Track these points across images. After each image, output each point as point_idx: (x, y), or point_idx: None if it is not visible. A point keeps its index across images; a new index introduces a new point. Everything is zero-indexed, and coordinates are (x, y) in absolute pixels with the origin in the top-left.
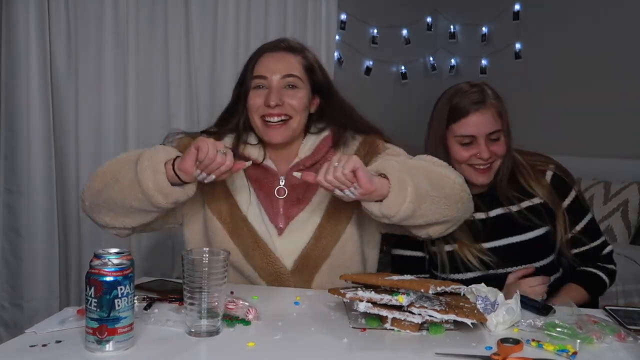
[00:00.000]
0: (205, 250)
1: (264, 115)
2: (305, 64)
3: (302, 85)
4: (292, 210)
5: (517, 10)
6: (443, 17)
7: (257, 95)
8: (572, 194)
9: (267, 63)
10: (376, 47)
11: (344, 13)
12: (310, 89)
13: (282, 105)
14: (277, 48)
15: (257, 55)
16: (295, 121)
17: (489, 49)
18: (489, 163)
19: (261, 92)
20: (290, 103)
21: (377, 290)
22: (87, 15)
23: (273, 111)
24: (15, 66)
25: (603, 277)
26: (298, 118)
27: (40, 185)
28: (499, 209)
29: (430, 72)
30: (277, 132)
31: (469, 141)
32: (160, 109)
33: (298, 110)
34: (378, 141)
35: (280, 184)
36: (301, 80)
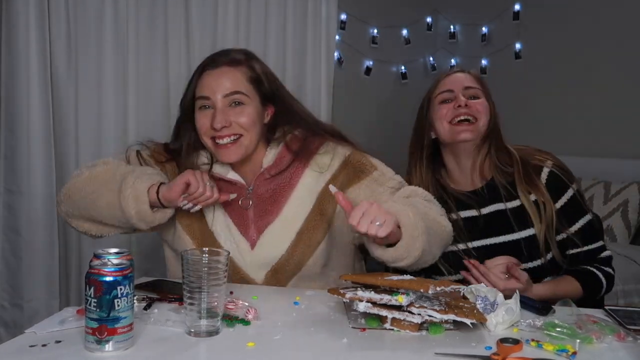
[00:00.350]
0: (205, 250)
1: (213, 137)
2: (251, 76)
3: (249, 101)
4: (262, 221)
5: (517, 10)
6: (443, 17)
7: (204, 116)
8: (568, 193)
9: (208, 82)
10: (376, 47)
11: (344, 13)
12: (259, 101)
13: (230, 126)
14: (217, 63)
15: (197, 73)
16: (246, 139)
17: (489, 49)
18: (471, 117)
19: (207, 112)
20: (237, 121)
21: (377, 290)
22: (87, 15)
23: (221, 133)
24: (15, 66)
25: (599, 275)
26: (249, 135)
27: (40, 185)
28: (492, 205)
29: (430, 72)
30: (229, 151)
31: (448, 96)
32: (160, 109)
33: (247, 127)
34: (364, 159)
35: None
36: (247, 95)
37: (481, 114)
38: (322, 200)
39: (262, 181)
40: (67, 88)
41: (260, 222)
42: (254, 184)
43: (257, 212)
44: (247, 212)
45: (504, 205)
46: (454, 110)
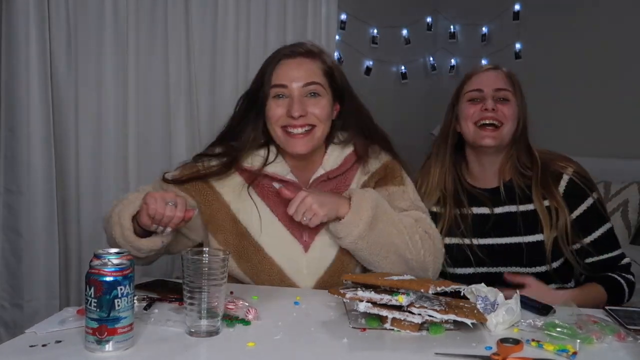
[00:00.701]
0: (205, 250)
1: (286, 125)
2: (325, 69)
3: (324, 93)
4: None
5: (517, 10)
6: (443, 17)
7: (278, 105)
8: (587, 202)
9: (286, 70)
10: (376, 47)
11: (344, 13)
12: (332, 95)
13: (306, 116)
14: (295, 54)
15: (273, 62)
16: (319, 130)
17: (489, 49)
18: (497, 122)
19: (281, 101)
20: (313, 112)
21: (377, 290)
22: (87, 16)
23: (297, 122)
24: (15, 66)
25: (622, 282)
26: (322, 127)
27: (40, 185)
28: (505, 206)
29: (430, 72)
30: (300, 142)
31: (477, 96)
32: (160, 109)
33: (322, 119)
34: (398, 172)
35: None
36: (323, 87)
37: (507, 120)
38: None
39: (319, 183)
40: (67, 88)
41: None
42: (312, 186)
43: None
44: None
45: (516, 208)
46: (481, 112)
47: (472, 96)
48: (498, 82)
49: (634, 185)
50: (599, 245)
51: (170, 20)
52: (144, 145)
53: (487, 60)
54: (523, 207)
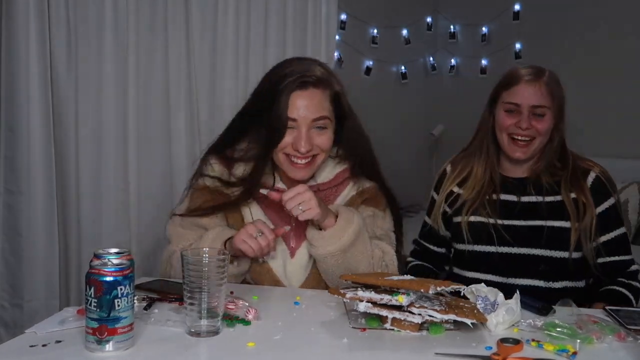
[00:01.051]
0: (205, 250)
1: (289, 154)
2: (332, 95)
3: (330, 125)
4: (302, 231)
5: (517, 10)
6: (443, 17)
7: (287, 135)
8: (609, 202)
9: (297, 104)
10: (376, 47)
11: (344, 13)
12: (335, 123)
13: (311, 149)
14: (306, 84)
15: (286, 93)
16: (320, 158)
17: (489, 49)
18: (529, 137)
19: (289, 131)
20: (319, 145)
21: (377, 290)
22: (87, 16)
23: (301, 154)
24: (15, 66)
25: (629, 296)
26: (324, 155)
27: (40, 185)
28: (532, 196)
29: (430, 72)
30: (302, 171)
31: (514, 109)
32: (160, 109)
33: (325, 149)
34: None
35: None
36: (330, 119)
37: (540, 134)
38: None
39: None
40: (67, 88)
41: (300, 231)
42: None
43: (298, 221)
44: (290, 219)
45: (542, 198)
46: (515, 127)
47: (509, 108)
48: (536, 98)
49: (634, 185)
50: (613, 246)
51: (170, 20)
52: (144, 145)
53: (487, 61)
54: (550, 197)
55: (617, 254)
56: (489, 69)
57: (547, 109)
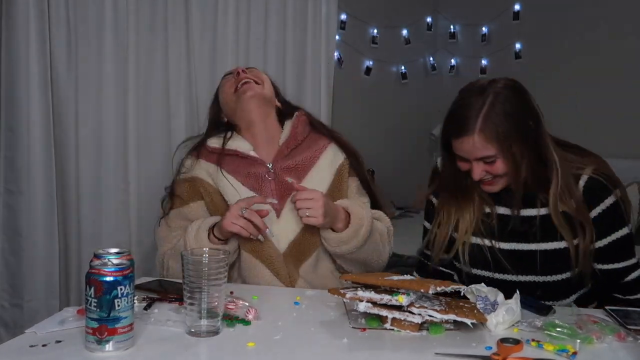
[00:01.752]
0: (205, 250)
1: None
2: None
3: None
4: (285, 191)
5: (517, 10)
6: (443, 17)
7: (227, 80)
8: (607, 201)
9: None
10: (376, 47)
11: (344, 13)
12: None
13: (251, 73)
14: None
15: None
16: (263, 87)
17: (489, 49)
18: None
19: (229, 76)
20: (256, 75)
21: (377, 290)
22: (87, 16)
23: (242, 76)
24: (15, 66)
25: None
26: (266, 85)
27: (40, 185)
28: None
29: (430, 72)
30: (249, 87)
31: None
32: (160, 109)
33: (264, 79)
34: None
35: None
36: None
37: (500, 174)
38: (340, 176)
39: (282, 159)
40: (67, 88)
41: (283, 192)
42: (273, 160)
43: (279, 183)
44: (269, 184)
45: (537, 212)
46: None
47: (459, 157)
48: (478, 152)
49: (634, 185)
50: (608, 252)
51: (170, 20)
52: (144, 145)
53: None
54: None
55: (614, 260)
56: (489, 69)
57: (492, 155)
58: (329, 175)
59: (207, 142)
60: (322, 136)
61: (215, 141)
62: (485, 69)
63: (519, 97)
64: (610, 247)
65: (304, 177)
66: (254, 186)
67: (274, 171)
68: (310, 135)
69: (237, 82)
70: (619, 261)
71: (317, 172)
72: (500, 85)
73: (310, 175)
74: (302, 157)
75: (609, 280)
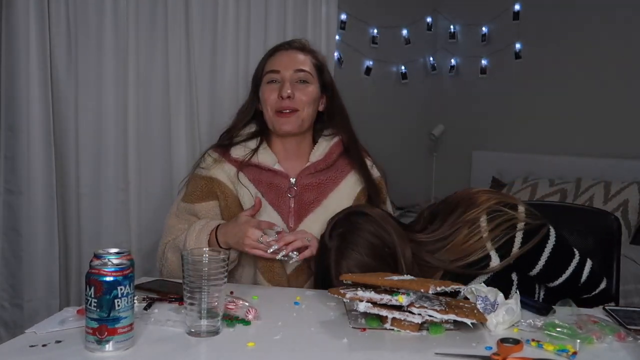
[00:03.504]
0: (205, 250)
1: (277, 110)
2: (316, 63)
3: (313, 80)
4: (303, 210)
5: (517, 10)
6: (443, 17)
7: (271, 90)
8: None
9: (280, 59)
10: (376, 47)
11: (344, 13)
12: (319, 87)
13: (294, 99)
14: (290, 46)
15: (270, 53)
16: (304, 112)
17: (489, 49)
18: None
19: (274, 86)
20: (301, 98)
21: (377, 290)
22: (87, 15)
23: (284, 104)
24: (15, 66)
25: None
26: (307, 110)
27: (40, 185)
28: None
29: (430, 72)
30: (289, 122)
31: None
32: (160, 109)
33: (308, 103)
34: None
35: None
36: (311, 75)
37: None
38: (358, 201)
39: (306, 175)
40: (67, 88)
41: (300, 212)
42: (297, 177)
43: (298, 201)
44: (289, 201)
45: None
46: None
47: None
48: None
49: (634, 185)
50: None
51: (170, 20)
52: (144, 145)
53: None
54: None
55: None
56: (489, 69)
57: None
58: (348, 199)
59: (231, 151)
60: (352, 161)
61: (240, 150)
62: (485, 69)
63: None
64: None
65: (324, 197)
66: (273, 201)
67: (297, 187)
68: (341, 158)
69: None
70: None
71: (338, 193)
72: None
73: (331, 196)
74: (327, 176)
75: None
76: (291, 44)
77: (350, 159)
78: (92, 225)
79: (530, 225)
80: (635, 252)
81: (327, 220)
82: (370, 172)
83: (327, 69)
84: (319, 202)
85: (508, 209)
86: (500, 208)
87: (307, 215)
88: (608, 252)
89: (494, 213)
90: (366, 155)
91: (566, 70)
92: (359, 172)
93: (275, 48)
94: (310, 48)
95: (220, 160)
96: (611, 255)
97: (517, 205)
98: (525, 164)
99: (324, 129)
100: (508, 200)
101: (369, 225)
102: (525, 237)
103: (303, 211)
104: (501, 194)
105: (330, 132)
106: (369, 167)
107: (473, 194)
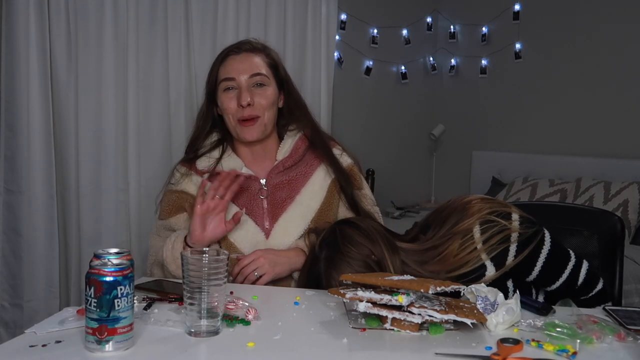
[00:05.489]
0: (205, 250)
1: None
2: (269, 62)
3: (269, 82)
4: (277, 210)
5: (517, 10)
6: (443, 17)
7: (229, 98)
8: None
9: (233, 65)
10: (376, 47)
11: (344, 13)
12: (276, 86)
13: (253, 106)
14: (239, 50)
15: (221, 59)
16: (265, 117)
17: (489, 49)
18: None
19: (232, 93)
20: (260, 102)
21: (377, 290)
22: (87, 15)
23: (245, 112)
24: (15, 66)
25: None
26: (267, 114)
27: (40, 185)
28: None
29: (430, 72)
30: (251, 129)
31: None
32: (160, 109)
33: (267, 107)
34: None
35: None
36: (267, 77)
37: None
38: (331, 193)
39: (276, 174)
40: (67, 88)
41: (274, 211)
42: (267, 177)
43: (271, 201)
44: (261, 202)
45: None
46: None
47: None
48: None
49: (634, 185)
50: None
51: (170, 20)
52: (144, 145)
53: (487, 61)
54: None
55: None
56: (489, 69)
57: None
58: (320, 191)
59: (197, 163)
60: (319, 154)
61: (205, 162)
62: (485, 69)
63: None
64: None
65: (297, 193)
66: (245, 204)
67: (267, 187)
68: (308, 152)
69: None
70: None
71: (310, 187)
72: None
73: (303, 191)
74: (296, 172)
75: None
76: (241, 47)
77: (316, 152)
78: (92, 225)
79: (524, 234)
80: (635, 252)
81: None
82: (339, 161)
83: (280, 64)
84: (291, 198)
85: (501, 219)
86: (493, 218)
87: (282, 215)
88: (611, 253)
89: (486, 224)
90: (334, 144)
91: (566, 71)
92: (328, 163)
93: (225, 53)
94: (261, 45)
95: (188, 173)
96: (614, 256)
97: (511, 213)
98: (525, 164)
99: (288, 124)
100: (501, 208)
101: (357, 236)
102: (519, 248)
103: (277, 210)
104: (494, 202)
105: (294, 126)
106: (337, 155)
107: (465, 203)
